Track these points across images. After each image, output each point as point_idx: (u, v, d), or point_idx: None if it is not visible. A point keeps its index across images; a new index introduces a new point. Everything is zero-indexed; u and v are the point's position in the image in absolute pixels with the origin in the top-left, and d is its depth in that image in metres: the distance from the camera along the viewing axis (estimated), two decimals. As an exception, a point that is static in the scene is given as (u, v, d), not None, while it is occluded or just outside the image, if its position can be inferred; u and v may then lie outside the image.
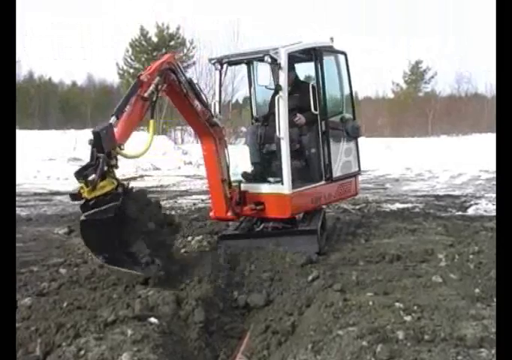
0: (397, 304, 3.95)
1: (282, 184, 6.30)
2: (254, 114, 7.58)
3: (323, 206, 7.31)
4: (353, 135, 7.38)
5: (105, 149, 4.58)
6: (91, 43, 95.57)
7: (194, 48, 39.19)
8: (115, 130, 4.78)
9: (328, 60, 7.02)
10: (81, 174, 4.52)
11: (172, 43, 40.51)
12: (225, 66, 6.68)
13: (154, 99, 5.16)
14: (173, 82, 5.49)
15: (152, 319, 3.87)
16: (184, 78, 5.65)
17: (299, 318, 4.29)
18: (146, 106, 5.13)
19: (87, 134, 4.78)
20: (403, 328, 3.47)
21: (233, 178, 6.43)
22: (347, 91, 7.53)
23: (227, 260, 5.58)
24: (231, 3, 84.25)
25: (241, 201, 6.36)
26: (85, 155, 4.93)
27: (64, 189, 13.85)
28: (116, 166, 4.76)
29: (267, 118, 6.96)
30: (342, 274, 5.29)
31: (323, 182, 6.82)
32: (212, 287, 4.82)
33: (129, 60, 41.50)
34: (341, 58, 7.32)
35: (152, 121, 5.30)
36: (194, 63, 39.39)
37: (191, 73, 39.31)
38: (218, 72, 6.80)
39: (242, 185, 6.45)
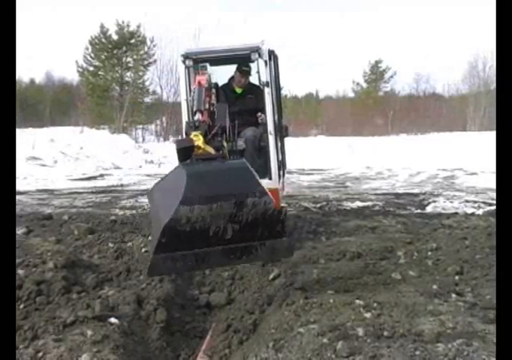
0: (357, 301, 3.98)
1: (270, 179, 6.35)
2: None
3: (285, 204, 7.35)
4: (284, 134, 7.54)
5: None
6: (48, 39, 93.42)
7: (154, 46, 39.00)
8: None
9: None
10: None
11: (132, 41, 40.13)
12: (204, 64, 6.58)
13: None
14: None
15: (113, 320, 3.83)
16: None
17: (260, 316, 4.30)
18: None
19: (46, 133, 4.67)
20: (363, 325, 3.50)
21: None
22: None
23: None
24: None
25: None
26: (44, 154, 4.82)
27: (22, 188, 13.60)
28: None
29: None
30: (303, 273, 5.31)
31: (280, 179, 6.91)
32: (173, 287, 4.80)
33: (89, 58, 40.87)
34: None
35: None
36: (154, 61, 39.24)
37: (151, 72, 39.33)
38: (184, 69, 6.50)
39: None
